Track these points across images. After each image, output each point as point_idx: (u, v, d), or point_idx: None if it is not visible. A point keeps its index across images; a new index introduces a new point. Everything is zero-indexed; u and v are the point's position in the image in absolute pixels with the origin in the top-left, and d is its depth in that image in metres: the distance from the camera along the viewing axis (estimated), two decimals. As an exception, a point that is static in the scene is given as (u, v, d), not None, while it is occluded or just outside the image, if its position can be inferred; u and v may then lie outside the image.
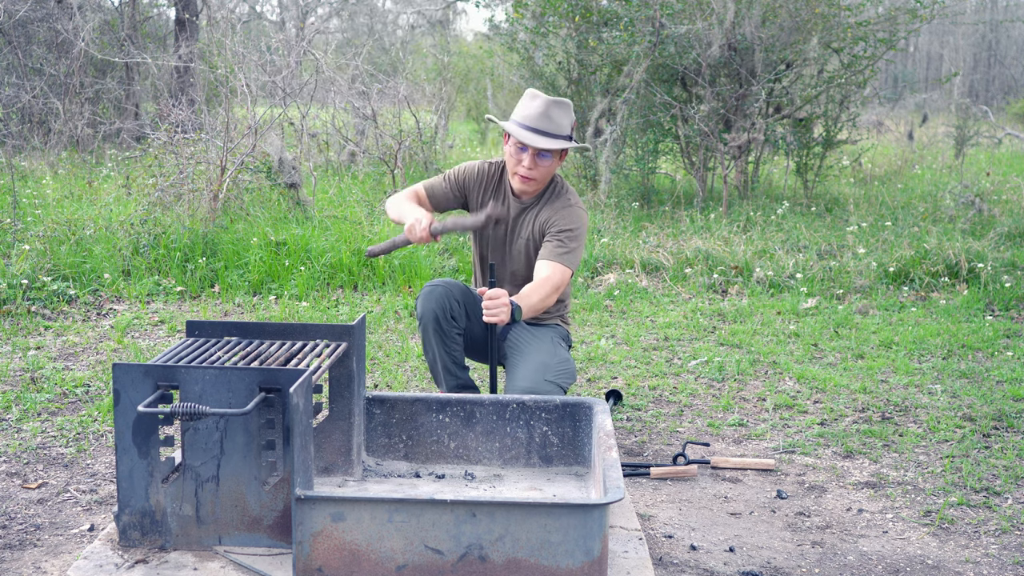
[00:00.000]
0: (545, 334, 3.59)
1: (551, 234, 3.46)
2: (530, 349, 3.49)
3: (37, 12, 10.91)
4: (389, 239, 3.99)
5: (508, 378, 3.47)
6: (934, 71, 26.82)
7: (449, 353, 3.49)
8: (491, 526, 2.27)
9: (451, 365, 3.50)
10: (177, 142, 7.45)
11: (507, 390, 3.41)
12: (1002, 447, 3.68)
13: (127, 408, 2.41)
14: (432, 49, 15.73)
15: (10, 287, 5.46)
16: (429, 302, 3.45)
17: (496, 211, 3.27)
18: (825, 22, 8.89)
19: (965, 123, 12.81)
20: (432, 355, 3.51)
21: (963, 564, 2.79)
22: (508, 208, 3.57)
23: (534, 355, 3.45)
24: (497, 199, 3.58)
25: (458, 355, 3.52)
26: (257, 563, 2.41)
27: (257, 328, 2.86)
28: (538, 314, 3.44)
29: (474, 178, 3.62)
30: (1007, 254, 6.73)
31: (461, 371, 3.53)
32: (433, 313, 3.44)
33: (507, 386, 3.44)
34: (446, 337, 3.47)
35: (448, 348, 3.48)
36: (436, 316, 3.44)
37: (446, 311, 3.45)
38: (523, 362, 3.44)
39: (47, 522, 2.91)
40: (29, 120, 10.73)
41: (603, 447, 2.64)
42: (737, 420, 3.95)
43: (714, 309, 5.80)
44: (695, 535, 2.93)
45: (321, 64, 9.57)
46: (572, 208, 3.52)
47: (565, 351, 3.56)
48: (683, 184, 9.75)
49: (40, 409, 3.87)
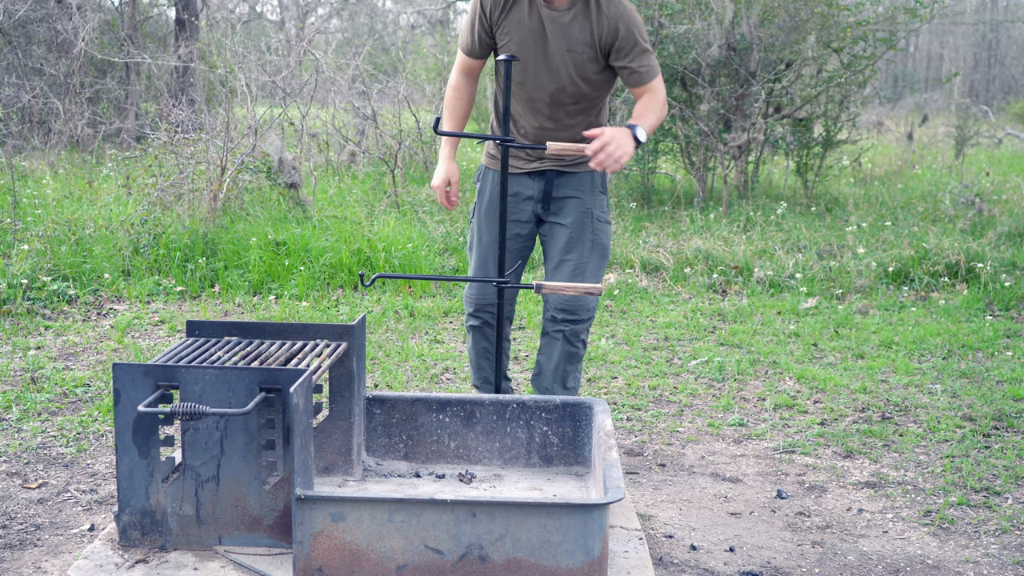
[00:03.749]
0: (577, 208, 3.33)
1: (625, 51, 3.14)
2: (563, 242, 3.33)
3: (37, 12, 10.91)
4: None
5: (545, 280, 3.37)
6: (934, 71, 26.81)
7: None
8: (491, 526, 2.27)
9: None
10: (177, 142, 7.45)
11: (546, 298, 3.38)
12: (1002, 447, 3.68)
13: (127, 408, 2.41)
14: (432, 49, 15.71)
15: (10, 287, 5.46)
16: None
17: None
18: (824, 22, 8.88)
19: (965, 123, 12.81)
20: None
21: (963, 564, 2.79)
22: (538, 15, 3.17)
23: (570, 258, 3.32)
24: (522, 9, 3.18)
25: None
26: (257, 563, 2.41)
27: (257, 328, 2.86)
28: (656, 128, 3.23)
29: (482, 6, 3.22)
30: (1007, 254, 6.73)
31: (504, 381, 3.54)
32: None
33: (547, 295, 3.37)
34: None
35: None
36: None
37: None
38: (558, 269, 3.33)
39: (47, 522, 2.91)
40: (29, 120, 10.73)
41: (603, 447, 2.64)
42: (737, 420, 3.95)
43: (714, 309, 5.80)
44: (695, 535, 2.93)
45: (321, 64, 9.57)
46: (626, 10, 3.15)
47: (601, 227, 3.37)
48: (683, 184, 9.75)
49: (40, 409, 3.87)
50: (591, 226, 3.35)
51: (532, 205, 3.38)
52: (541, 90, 3.24)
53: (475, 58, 3.35)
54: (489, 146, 3.44)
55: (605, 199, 3.41)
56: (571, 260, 3.33)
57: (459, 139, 3.39)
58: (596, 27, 3.14)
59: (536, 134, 3.31)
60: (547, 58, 3.19)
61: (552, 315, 3.37)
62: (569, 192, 3.35)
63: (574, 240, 3.34)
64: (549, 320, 3.39)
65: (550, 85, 3.22)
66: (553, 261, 3.37)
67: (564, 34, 3.16)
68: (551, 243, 3.39)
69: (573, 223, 3.34)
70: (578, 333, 3.36)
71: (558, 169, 3.34)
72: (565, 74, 3.20)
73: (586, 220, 3.35)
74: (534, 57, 3.20)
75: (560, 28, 3.16)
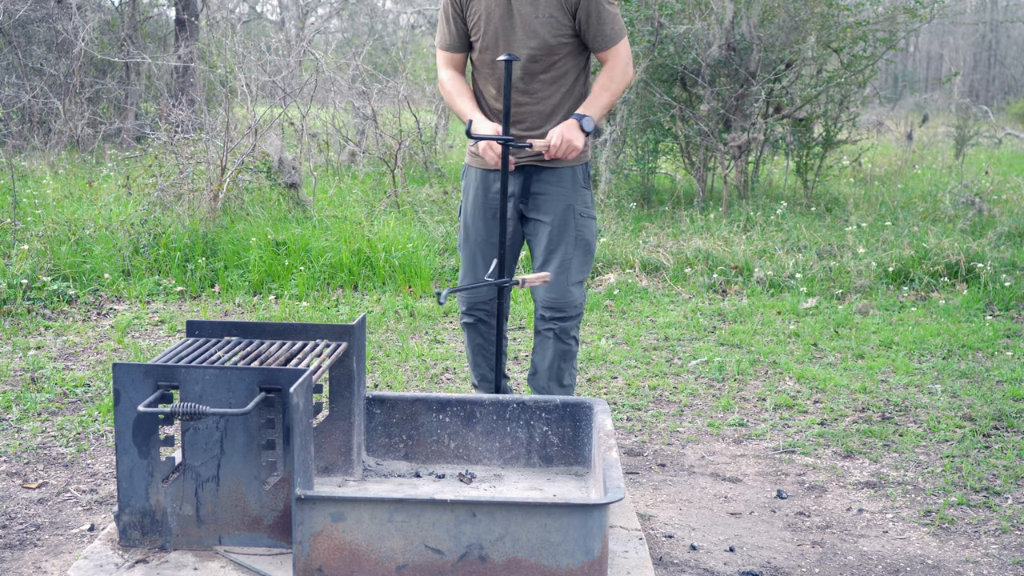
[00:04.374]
0: (558, 204, 3.33)
1: (589, 12, 3.16)
2: (546, 239, 3.35)
3: (37, 12, 10.91)
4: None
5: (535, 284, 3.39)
6: (934, 71, 26.81)
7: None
8: (491, 526, 2.27)
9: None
10: (177, 142, 7.45)
11: (534, 297, 3.40)
12: (1002, 447, 3.68)
13: (127, 408, 2.41)
14: (432, 49, 15.70)
15: (10, 287, 5.46)
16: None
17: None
18: (824, 22, 8.88)
19: (965, 123, 12.81)
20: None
21: (963, 564, 2.79)
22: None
23: (555, 253, 3.34)
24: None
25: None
26: (257, 563, 2.41)
27: (257, 328, 2.86)
28: (615, 101, 3.24)
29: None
30: (1007, 254, 6.73)
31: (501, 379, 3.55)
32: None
33: (534, 294, 3.41)
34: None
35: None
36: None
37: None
38: (544, 267, 3.34)
39: (47, 522, 2.91)
40: (29, 120, 10.73)
41: (603, 447, 2.64)
42: (737, 420, 3.95)
43: (714, 309, 5.80)
44: (695, 535, 2.93)
45: (321, 64, 9.57)
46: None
47: (584, 223, 3.35)
48: (683, 184, 9.75)
49: (40, 409, 3.87)
50: (574, 222, 3.35)
51: (514, 201, 3.38)
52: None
53: (456, 51, 3.38)
54: (469, 143, 3.44)
55: (589, 194, 3.40)
56: (556, 257, 3.34)
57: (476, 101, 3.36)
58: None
59: (513, 111, 3.28)
60: (516, 28, 3.21)
61: (541, 313, 3.39)
62: (549, 188, 3.35)
63: (557, 237, 3.34)
64: (539, 319, 3.41)
65: (522, 54, 3.23)
66: (539, 259, 3.40)
67: (530, 2, 3.19)
68: (535, 241, 3.41)
69: (554, 220, 3.34)
70: (567, 330, 3.38)
71: (537, 164, 3.33)
72: (536, 42, 3.21)
73: (568, 216, 3.34)
74: (504, 29, 3.23)
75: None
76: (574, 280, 3.35)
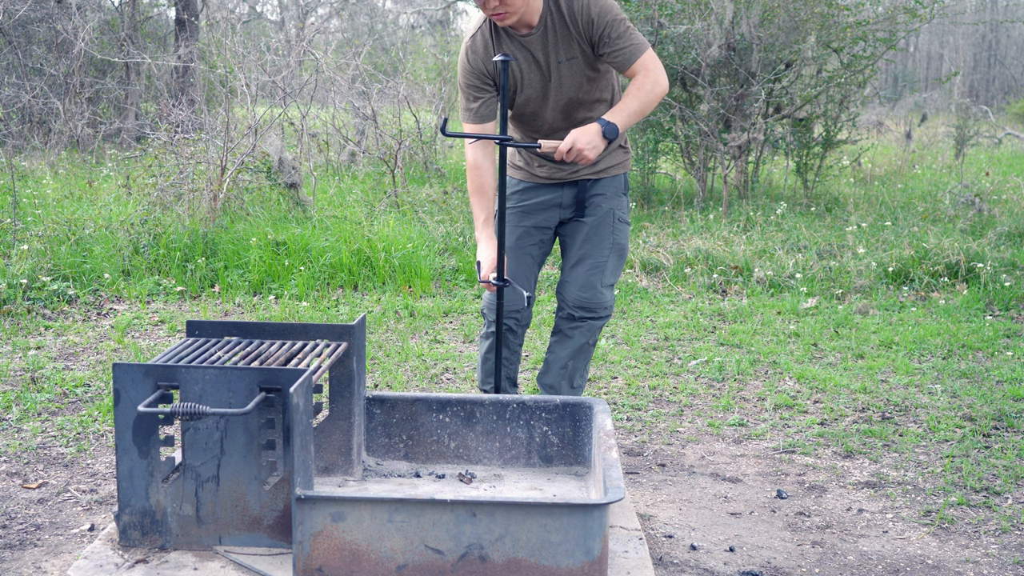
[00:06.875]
0: (600, 208, 3.38)
1: (603, 38, 3.13)
2: (583, 238, 3.38)
3: (37, 12, 10.92)
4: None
5: (562, 277, 3.42)
6: (934, 71, 26.82)
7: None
8: (491, 526, 2.27)
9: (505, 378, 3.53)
10: (177, 142, 7.45)
11: (558, 290, 3.41)
12: (1002, 447, 3.68)
13: (127, 408, 2.41)
14: (432, 49, 15.71)
15: (10, 287, 5.46)
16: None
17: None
18: (824, 22, 8.89)
19: (965, 123, 12.81)
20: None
21: (963, 564, 2.79)
22: (520, 46, 3.19)
23: (589, 254, 3.36)
24: (503, 47, 3.21)
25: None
26: (257, 563, 2.41)
27: (257, 328, 2.86)
28: (648, 112, 3.21)
29: (470, 69, 3.23)
30: (1007, 254, 6.73)
31: (511, 387, 3.56)
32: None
33: (559, 286, 3.42)
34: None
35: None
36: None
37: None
38: (577, 265, 3.38)
39: (47, 522, 2.91)
40: (29, 120, 10.73)
41: (603, 447, 2.64)
42: (737, 420, 3.96)
43: (714, 309, 5.80)
44: (695, 535, 2.93)
45: (321, 64, 9.57)
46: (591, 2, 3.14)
47: (620, 228, 3.41)
48: (683, 184, 9.75)
49: (40, 409, 3.87)
50: (612, 225, 3.40)
51: (560, 212, 3.42)
52: (551, 109, 3.27)
53: (486, 121, 3.29)
54: (513, 156, 3.44)
55: (626, 200, 3.47)
56: (591, 257, 3.37)
57: (493, 217, 3.36)
58: (572, 28, 3.16)
59: (560, 135, 3.30)
60: (544, 75, 3.22)
61: (569, 313, 3.40)
62: (596, 195, 3.41)
63: (594, 237, 3.39)
64: (566, 318, 3.42)
65: (558, 100, 3.26)
66: (572, 258, 3.41)
67: (551, 51, 3.20)
68: (571, 240, 3.43)
69: (595, 221, 3.39)
70: (594, 329, 3.41)
71: (591, 178, 3.39)
72: (569, 84, 3.23)
73: (607, 219, 3.40)
74: (533, 81, 3.23)
75: (542, 47, 3.19)
76: (607, 282, 3.39)
